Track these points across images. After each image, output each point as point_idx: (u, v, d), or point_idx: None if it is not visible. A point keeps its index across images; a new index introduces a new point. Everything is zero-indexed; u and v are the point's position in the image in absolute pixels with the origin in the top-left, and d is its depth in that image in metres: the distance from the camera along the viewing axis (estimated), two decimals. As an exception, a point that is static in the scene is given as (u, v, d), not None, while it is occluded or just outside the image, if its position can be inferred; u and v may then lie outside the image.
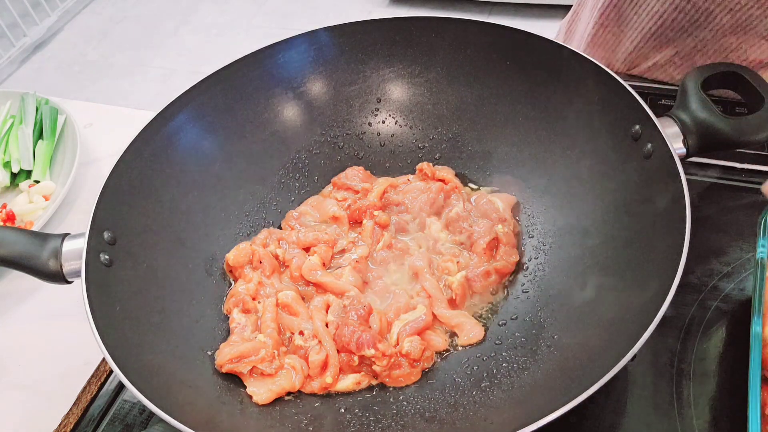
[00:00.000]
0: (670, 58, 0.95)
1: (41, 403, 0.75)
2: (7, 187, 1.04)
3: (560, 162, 0.78)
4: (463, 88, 0.85)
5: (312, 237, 0.78)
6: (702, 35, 0.89)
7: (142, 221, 0.73)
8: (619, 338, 0.56)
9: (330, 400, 0.67)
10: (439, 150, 0.87)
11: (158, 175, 0.77)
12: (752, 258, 0.68)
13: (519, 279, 0.75)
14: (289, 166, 0.87)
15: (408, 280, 0.75)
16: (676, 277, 0.55)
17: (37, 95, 1.13)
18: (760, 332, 0.60)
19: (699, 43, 0.91)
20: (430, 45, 0.85)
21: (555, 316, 0.68)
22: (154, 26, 3.45)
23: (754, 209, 0.78)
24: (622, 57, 1.00)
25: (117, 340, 0.60)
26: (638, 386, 0.66)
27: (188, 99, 0.80)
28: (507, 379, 0.64)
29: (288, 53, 0.85)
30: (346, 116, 0.89)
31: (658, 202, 0.64)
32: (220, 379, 0.67)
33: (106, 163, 1.06)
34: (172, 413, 0.55)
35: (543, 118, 0.80)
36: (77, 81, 3.15)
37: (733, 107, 0.88)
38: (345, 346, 0.67)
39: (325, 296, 0.73)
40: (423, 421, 0.62)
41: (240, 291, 0.74)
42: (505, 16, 3.00)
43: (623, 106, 0.70)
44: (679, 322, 0.70)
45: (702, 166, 0.85)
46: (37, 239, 0.68)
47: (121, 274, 0.67)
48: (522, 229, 0.79)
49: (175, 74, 3.09)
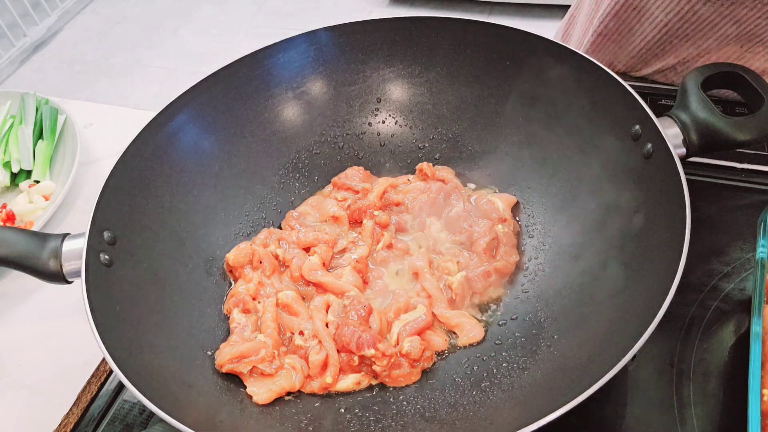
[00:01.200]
0: (672, 66, 0.95)
1: (41, 403, 0.75)
2: (7, 187, 1.04)
3: (560, 162, 0.78)
4: (463, 88, 0.85)
5: (312, 237, 0.78)
6: (705, 44, 0.89)
7: (142, 221, 0.73)
8: (619, 338, 0.56)
9: (330, 400, 0.67)
10: (439, 150, 0.87)
11: (158, 175, 0.77)
12: (752, 258, 0.68)
13: (519, 279, 0.75)
14: (289, 166, 0.87)
15: (408, 280, 0.75)
16: (676, 277, 0.55)
17: (37, 95, 1.13)
18: (760, 332, 0.60)
19: (702, 51, 0.90)
20: (430, 45, 0.85)
21: (555, 316, 0.68)
22: (154, 26, 3.45)
23: (754, 209, 0.78)
24: (623, 62, 0.99)
25: (117, 340, 0.60)
26: (638, 386, 0.66)
27: (188, 99, 0.80)
28: (507, 379, 0.64)
29: (288, 53, 0.85)
30: (346, 116, 0.89)
31: (658, 202, 0.64)
32: (220, 379, 0.67)
33: (106, 163, 1.06)
34: (172, 413, 0.55)
35: (543, 118, 0.80)
36: (77, 81, 3.15)
37: (733, 107, 0.88)
38: (345, 346, 0.67)
39: (326, 296, 0.73)
40: (423, 421, 0.62)
41: (240, 291, 0.74)
42: (505, 16, 3.00)
43: (623, 106, 0.70)
44: (679, 322, 0.70)
45: (702, 166, 0.85)
46: (37, 239, 0.68)
47: (121, 274, 0.67)
48: (522, 229, 0.79)
49: (175, 74, 3.09)
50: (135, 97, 3.00)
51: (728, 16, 0.84)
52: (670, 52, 0.93)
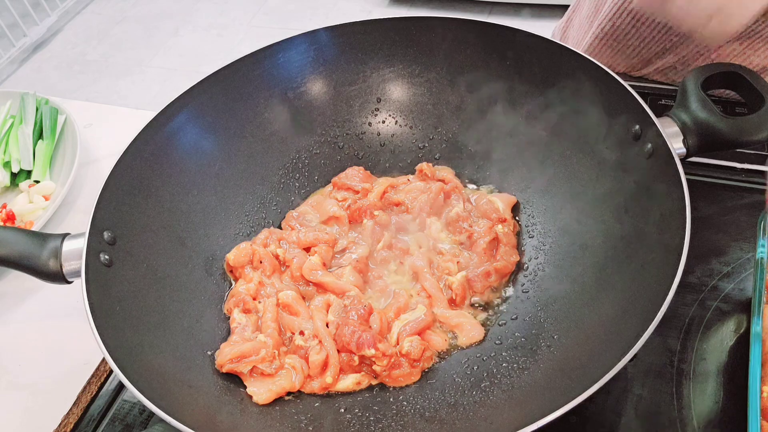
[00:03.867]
0: (672, 65, 0.95)
1: (41, 403, 0.75)
2: (7, 187, 1.04)
3: (560, 162, 0.78)
4: (463, 88, 0.85)
5: (312, 237, 0.78)
6: (705, 42, 0.89)
7: (142, 221, 0.73)
8: (619, 338, 0.56)
9: (330, 400, 0.67)
10: (439, 150, 0.87)
11: (158, 175, 0.77)
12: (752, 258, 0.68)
13: (519, 279, 0.75)
14: (289, 166, 0.87)
15: (408, 280, 0.75)
16: (676, 277, 0.55)
17: (37, 95, 1.13)
18: (760, 332, 0.60)
19: (702, 48, 0.90)
20: (430, 45, 0.85)
21: (555, 315, 0.68)
22: (154, 26, 3.45)
23: (754, 209, 0.78)
24: (623, 63, 1.00)
25: (117, 340, 0.60)
26: (638, 386, 0.66)
27: (188, 99, 0.80)
28: (507, 379, 0.64)
29: (288, 53, 0.85)
30: (346, 116, 0.89)
31: (658, 202, 0.64)
32: (220, 379, 0.67)
33: (106, 163, 1.06)
34: (172, 413, 0.55)
35: (543, 118, 0.80)
36: (77, 81, 3.15)
37: (733, 107, 0.88)
38: (345, 345, 0.67)
39: (326, 296, 0.73)
40: (423, 421, 0.62)
41: (240, 291, 0.74)
42: (505, 16, 3.00)
43: (623, 106, 0.70)
44: (679, 322, 0.70)
45: (702, 166, 0.85)
46: (37, 239, 0.68)
47: (121, 274, 0.67)
48: (522, 229, 0.79)
49: (175, 74, 3.09)
50: (135, 97, 3.00)
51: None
52: (671, 50, 0.93)
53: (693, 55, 0.92)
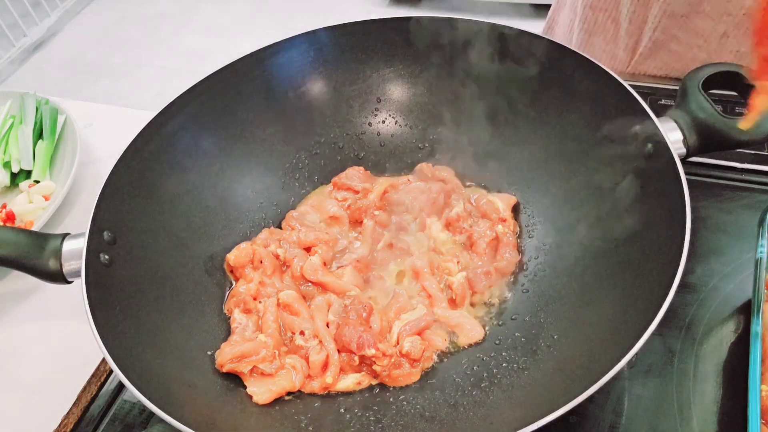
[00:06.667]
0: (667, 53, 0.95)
1: (41, 403, 0.75)
2: (7, 187, 1.04)
3: (560, 162, 0.78)
4: (463, 88, 0.85)
5: (313, 237, 0.78)
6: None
7: (142, 221, 0.73)
8: (619, 338, 0.56)
9: (330, 400, 0.67)
10: (439, 150, 0.87)
11: (158, 175, 0.76)
12: (752, 258, 0.68)
13: (519, 279, 0.75)
14: (289, 166, 0.87)
15: (408, 280, 0.75)
16: (676, 277, 0.55)
17: (37, 95, 1.13)
18: (760, 332, 0.60)
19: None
20: (431, 45, 0.85)
21: (555, 316, 0.68)
22: (154, 26, 3.45)
23: (754, 209, 0.78)
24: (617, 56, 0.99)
25: (117, 340, 0.60)
26: (638, 386, 0.66)
27: (188, 99, 0.79)
28: (507, 379, 0.64)
29: (288, 53, 0.85)
30: (346, 116, 0.89)
31: (658, 202, 0.64)
32: (220, 379, 0.67)
33: (106, 163, 1.05)
34: (172, 413, 0.55)
35: (543, 118, 0.80)
36: (77, 81, 3.15)
37: (733, 107, 0.88)
38: (346, 345, 0.67)
39: (327, 296, 0.73)
40: (423, 421, 0.62)
41: (241, 291, 0.74)
42: (505, 16, 3.01)
43: (623, 106, 0.70)
44: (679, 322, 0.70)
45: (702, 166, 0.85)
46: (37, 239, 0.68)
47: (121, 274, 0.67)
48: (522, 229, 0.79)
49: (175, 74, 3.09)
50: (135, 97, 3.00)
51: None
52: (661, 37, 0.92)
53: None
